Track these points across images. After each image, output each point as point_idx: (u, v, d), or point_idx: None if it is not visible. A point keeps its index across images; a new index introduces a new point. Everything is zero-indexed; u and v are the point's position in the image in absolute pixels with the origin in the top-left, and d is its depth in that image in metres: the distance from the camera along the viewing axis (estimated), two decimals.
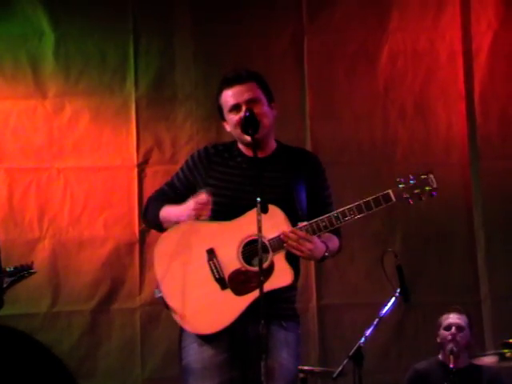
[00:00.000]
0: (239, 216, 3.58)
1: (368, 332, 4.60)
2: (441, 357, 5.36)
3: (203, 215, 3.58)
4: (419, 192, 3.61)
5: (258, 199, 3.36)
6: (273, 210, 3.53)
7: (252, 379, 3.48)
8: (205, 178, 3.69)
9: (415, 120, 6.39)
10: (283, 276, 3.56)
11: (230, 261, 3.57)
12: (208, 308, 3.56)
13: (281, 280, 3.55)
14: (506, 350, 4.59)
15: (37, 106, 6.09)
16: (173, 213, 3.68)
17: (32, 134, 6.08)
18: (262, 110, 3.65)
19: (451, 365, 5.10)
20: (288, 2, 6.41)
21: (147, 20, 6.25)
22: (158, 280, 3.64)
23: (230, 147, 3.77)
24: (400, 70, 6.41)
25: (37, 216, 5.98)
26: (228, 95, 3.68)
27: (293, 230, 3.54)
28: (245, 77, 3.69)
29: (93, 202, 6.04)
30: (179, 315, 3.58)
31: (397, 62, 6.41)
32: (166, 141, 6.18)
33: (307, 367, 5.09)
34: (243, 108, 3.61)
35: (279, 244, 3.54)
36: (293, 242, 3.52)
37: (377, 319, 4.66)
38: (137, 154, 6.12)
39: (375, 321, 4.66)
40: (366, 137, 6.33)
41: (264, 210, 3.40)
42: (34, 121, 6.09)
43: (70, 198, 6.03)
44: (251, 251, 3.54)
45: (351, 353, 4.52)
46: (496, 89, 6.43)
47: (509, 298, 6.21)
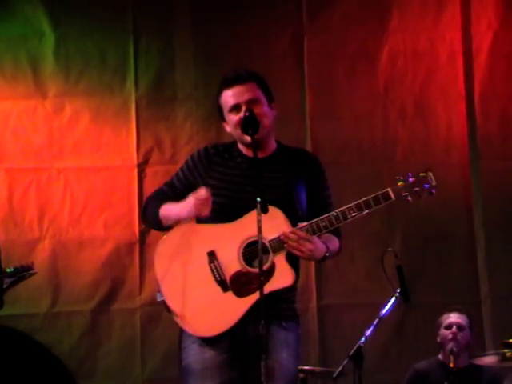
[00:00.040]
0: (239, 216, 3.58)
1: (368, 332, 4.60)
2: (441, 357, 5.36)
3: (203, 211, 3.57)
4: (418, 190, 3.61)
5: (258, 199, 3.36)
6: (273, 211, 3.52)
7: (252, 379, 3.47)
8: (205, 178, 3.68)
9: (415, 120, 6.38)
10: (284, 277, 3.55)
11: (231, 263, 3.56)
12: (209, 310, 3.56)
13: (282, 281, 3.55)
14: (507, 350, 4.59)
15: (37, 106, 6.09)
16: (173, 210, 3.67)
17: (32, 134, 6.07)
18: (262, 111, 3.64)
19: (451, 365, 5.10)
20: (288, 2, 6.41)
21: (147, 20, 6.25)
22: (159, 281, 3.64)
23: (230, 147, 3.76)
24: (400, 70, 6.41)
25: (37, 216, 5.97)
26: (228, 95, 3.67)
27: (293, 231, 3.53)
28: (245, 77, 3.69)
29: (93, 202, 6.04)
30: (180, 317, 3.57)
31: (397, 62, 6.41)
32: (166, 141, 6.17)
33: (307, 367, 5.09)
34: (243, 108, 3.61)
35: (279, 245, 3.54)
36: (293, 243, 3.52)
37: (377, 319, 4.67)
38: (137, 154, 6.12)
39: (375, 321, 4.66)
40: (366, 137, 6.32)
41: (264, 210, 3.39)
42: (34, 121, 6.09)
43: (70, 198, 6.03)
44: (252, 252, 3.54)
45: (351, 353, 4.53)
46: (496, 89, 6.43)
47: (509, 298, 6.21)
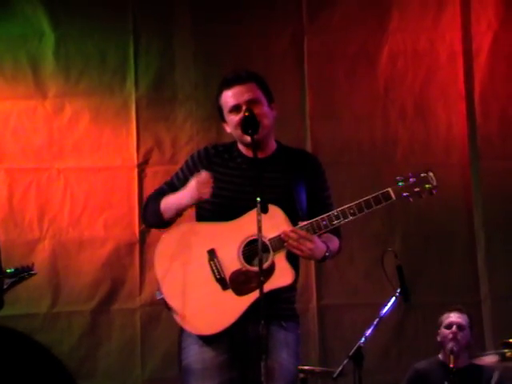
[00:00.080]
0: (239, 216, 3.58)
1: (368, 332, 4.59)
2: (441, 356, 5.36)
3: (205, 193, 3.56)
4: (419, 190, 3.60)
5: (258, 199, 3.36)
6: (273, 210, 3.52)
7: (252, 379, 3.47)
8: None
9: (415, 120, 6.38)
10: (284, 276, 3.55)
11: (231, 261, 3.56)
12: (209, 308, 3.56)
13: (282, 280, 3.55)
14: (507, 350, 4.59)
15: (37, 107, 6.09)
16: (173, 199, 3.65)
17: (32, 135, 6.07)
18: (262, 111, 3.64)
19: (451, 364, 5.10)
20: (288, 2, 6.41)
21: (147, 20, 6.25)
22: (159, 280, 3.63)
23: (230, 148, 3.76)
24: (400, 71, 6.41)
25: (37, 216, 5.97)
26: (228, 96, 3.67)
27: (293, 230, 3.53)
28: (244, 77, 3.68)
29: (93, 203, 6.04)
30: (180, 316, 3.57)
31: (397, 63, 6.41)
32: (166, 141, 6.17)
33: (307, 367, 5.09)
34: (243, 108, 3.61)
35: (280, 244, 3.54)
36: (293, 242, 3.52)
37: (377, 319, 4.66)
38: (137, 155, 6.12)
39: (375, 321, 4.65)
40: (366, 137, 6.32)
41: (264, 211, 3.39)
42: (34, 121, 6.09)
43: (70, 199, 6.03)
44: (252, 251, 3.54)
45: (351, 353, 4.52)
46: (496, 89, 6.43)
47: (509, 298, 6.21)
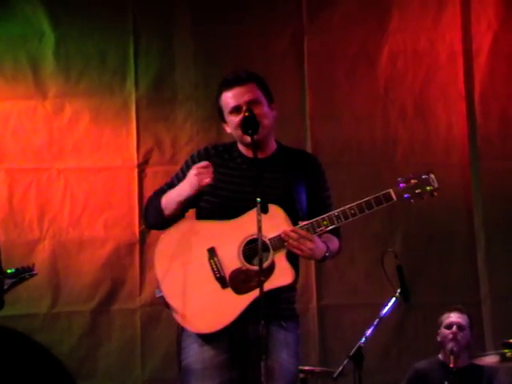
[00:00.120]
0: (239, 216, 3.58)
1: (368, 332, 4.60)
2: (441, 356, 5.36)
3: (205, 179, 3.55)
4: (420, 192, 3.60)
5: (258, 199, 3.36)
6: (274, 210, 3.52)
7: (252, 379, 3.47)
8: None
9: (415, 120, 6.38)
10: (284, 275, 3.55)
11: (231, 260, 3.56)
12: (208, 307, 3.55)
13: (281, 279, 3.54)
14: (507, 350, 4.59)
15: (37, 107, 6.09)
16: (174, 192, 3.64)
17: (32, 135, 6.08)
18: (262, 111, 3.64)
19: (451, 364, 5.09)
20: (288, 2, 6.41)
21: (147, 21, 6.25)
22: (159, 279, 3.63)
23: (230, 148, 3.76)
24: (400, 71, 6.41)
25: (37, 216, 5.97)
26: (228, 97, 3.66)
27: (294, 229, 3.53)
28: (244, 78, 3.68)
29: (93, 203, 6.04)
30: (180, 315, 3.57)
31: (397, 63, 6.41)
32: (166, 141, 6.17)
33: (307, 367, 5.10)
34: (244, 109, 3.60)
35: (280, 243, 3.54)
36: (294, 241, 3.51)
37: (377, 319, 4.67)
38: (137, 155, 6.12)
39: (375, 321, 4.66)
40: (366, 137, 6.32)
41: (264, 211, 3.39)
42: (34, 121, 6.09)
43: (70, 199, 6.03)
44: (252, 250, 3.53)
45: (351, 353, 4.53)
46: (496, 89, 6.43)
47: (509, 298, 6.21)
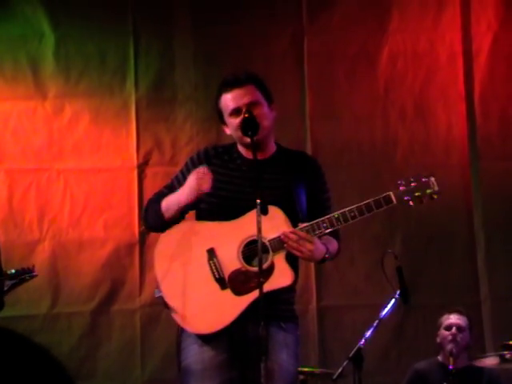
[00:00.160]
0: (239, 217, 3.58)
1: (368, 333, 4.60)
2: (440, 358, 5.36)
3: (204, 186, 3.55)
4: (420, 195, 3.60)
5: (258, 201, 3.36)
6: (273, 211, 3.53)
7: (251, 380, 3.47)
8: None
9: (415, 121, 6.37)
10: (283, 276, 3.55)
11: (230, 261, 3.56)
12: (208, 308, 3.56)
13: (281, 280, 3.55)
14: (506, 352, 4.59)
15: (37, 107, 6.09)
16: (174, 196, 3.64)
17: (32, 135, 6.07)
18: (262, 112, 3.64)
19: (451, 366, 5.09)
20: (288, 3, 6.40)
21: (147, 21, 6.25)
22: (158, 280, 3.63)
23: (230, 149, 3.76)
24: (400, 71, 6.40)
25: (37, 217, 5.97)
26: (228, 99, 3.67)
27: (293, 231, 3.53)
28: (243, 80, 3.68)
29: (93, 203, 6.04)
30: (180, 315, 3.57)
31: (397, 63, 6.40)
32: (166, 142, 6.17)
33: (307, 369, 5.09)
34: (243, 111, 3.60)
35: (279, 244, 3.54)
36: (293, 243, 3.51)
37: (377, 321, 4.67)
38: (137, 155, 6.11)
39: (375, 322, 4.66)
40: (366, 138, 6.31)
41: (264, 212, 3.39)
42: (34, 122, 6.08)
43: (70, 199, 6.02)
44: (251, 251, 3.54)
45: (351, 354, 4.52)
46: (496, 90, 6.42)
47: (509, 299, 6.20)
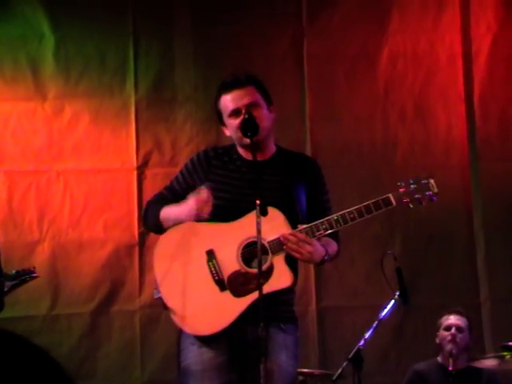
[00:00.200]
0: (239, 218, 3.58)
1: (367, 334, 4.60)
2: (440, 359, 5.36)
3: (204, 212, 3.57)
4: (419, 197, 3.61)
5: (258, 201, 3.36)
6: (273, 212, 3.52)
7: (251, 381, 3.47)
8: (204, 182, 3.67)
9: (415, 122, 6.37)
10: (282, 278, 3.56)
11: (230, 262, 3.57)
12: (207, 309, 3.56)
13: (280, 282, 3.55)
14: (506, 353, 4.59)
15: (36, 108, 6.09)
16: (173, 212, 3.67)
17: (32, 136, 6.07)
18: (261, 114, 3.65)
19: (450, 367, 5.09)
20: (288, 4, 6.40)
21: (147, 22, 6.25)
22: (158, 281, 3.64)
23: (230, 150, 3.77)
24: (400, 72, 6.40)
25: (36, 218, 5.98)
26: (227, 100, 3.67)
27: (292, 233, 3.53)
28: (243, 81, 3.69)
29: (92, 204, 6.04)
30: (179, 316, 3.57)
31: (397, 64, 6.40)
32: (166, 143, 6.17)
33: (307, 370, 5.09)
34: (243, 112, 3.61)
35: (279, 246, 3.54)
36: (292, 245, 3.52)
37: (376, 322, 4.67)
38: (136, 156, 6.11)
39: (375, 323, 4.66)
40: (366, 139, 6.31)
41: (263, 213, 3.40)
42: (34, 123, 6.09)
43: (70, 200, 6.03)
44: (251, 253, 3.54)
45: (351, 355, 4.52)
46: (495, 91, 6.42)
47: (508, 301, 6.19)
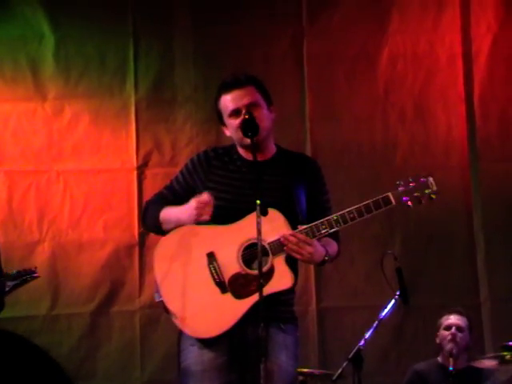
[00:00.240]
0: (239, 219, 3.58)
1: (368, 334, 4.61)
2: (440, 359, 5.36)
3: (204, 216, 3.56)
4: (419, 195, 3.60)
5: (258, 202, 3.36)
6: (273, 213, 3.53)
7: (251, 382, 3.47)
8: (204, 182, 3.68)
9: (415, 122, 6.38)
10: (283, 279, 3.55)
11: (230, 264, 3.56)
12: (208, 312, 3.55)
13: (281, 283, 3.54)
14: (506, 353, 4.60)
15: (36, 109, 6.09)
16: (173, 213, 3.66)
17: (32, 137, 6.08)
18: (261, 114, 3.64)
19: (450, 367, 5.10)
20: (288, 4, 6.41)
21: (147, 22, 6.25)
22: (158, 283, 3.63)
23: (230, 151, 3.76)
24: (400, 73, 6.40)
25: (36, 218, 5.98)
26: (227, 100, 3.67)
27: (293, 233, 3.53)
28: (243, 81, 3.68)
29: (92, 205, 6.04)
30: (179, 318, 3.57)
31: (397, 65, 6.41)
32: (166, 143, 6.17)
33: (307, 370, 5.09)
34: (243, 112, 3.61)
35: (279, 247, 3.54)
36: (293, 246, 3.51)
37: (376, 322, 4.67)
38: (136, 157, 6.12)
39: (375, 323, 4.66)
40: (366, 139, 6.32)
41: (263, 213, 3.39)
42: (34, 123, 6.09)
43: (70, 201, 6.03)
44: (251, 254, 3.53)
45: (351, 355, 4.53)
46: (495, 91, 6.43)
47: (508, 300, 6.20)
